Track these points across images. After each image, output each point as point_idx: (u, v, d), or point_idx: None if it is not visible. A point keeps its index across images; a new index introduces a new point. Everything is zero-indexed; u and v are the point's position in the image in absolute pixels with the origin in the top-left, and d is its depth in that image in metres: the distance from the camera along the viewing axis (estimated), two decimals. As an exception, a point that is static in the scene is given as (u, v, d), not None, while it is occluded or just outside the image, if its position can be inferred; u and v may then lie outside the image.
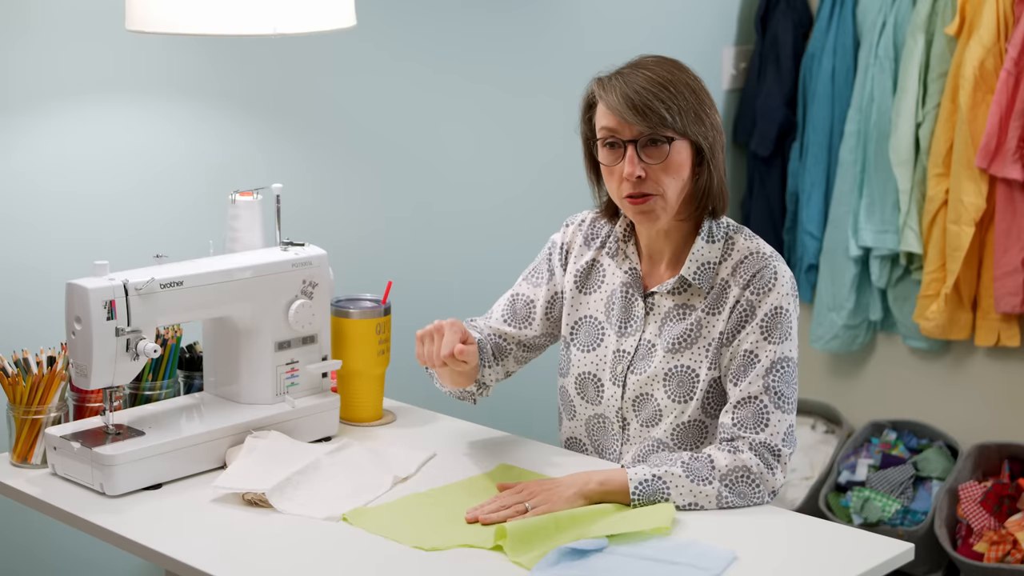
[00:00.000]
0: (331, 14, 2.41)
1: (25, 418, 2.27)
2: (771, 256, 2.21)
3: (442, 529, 2.02)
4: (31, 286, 2.56)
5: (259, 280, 2.32)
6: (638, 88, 2.14)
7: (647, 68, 2.18)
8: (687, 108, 2.15)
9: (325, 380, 2.44)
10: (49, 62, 2.54)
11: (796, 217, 3.94)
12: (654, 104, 2.13)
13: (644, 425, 2.25)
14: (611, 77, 2.19)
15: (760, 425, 2.12)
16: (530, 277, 2.39)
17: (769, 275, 2.18)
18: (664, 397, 2.22)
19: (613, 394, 2.27)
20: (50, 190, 2.58)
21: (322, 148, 3.02)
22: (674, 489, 2.08)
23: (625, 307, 2.28)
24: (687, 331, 2.22)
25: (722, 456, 2.10)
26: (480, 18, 3.27)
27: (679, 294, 2.24)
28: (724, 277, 2.21)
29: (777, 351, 2.15)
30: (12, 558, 2.62)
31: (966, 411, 3.81)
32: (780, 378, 2.14)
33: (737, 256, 2.21)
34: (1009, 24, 3.49)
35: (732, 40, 3.96)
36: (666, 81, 2.15)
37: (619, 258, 2.30)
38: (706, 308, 2.21)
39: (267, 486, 2.10)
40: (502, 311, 2.39)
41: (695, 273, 2.21)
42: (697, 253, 2.21)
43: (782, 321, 2.16)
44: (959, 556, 3.50)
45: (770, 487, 2.11)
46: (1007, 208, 3.52)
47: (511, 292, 2.40)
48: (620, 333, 2.28)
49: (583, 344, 2.31)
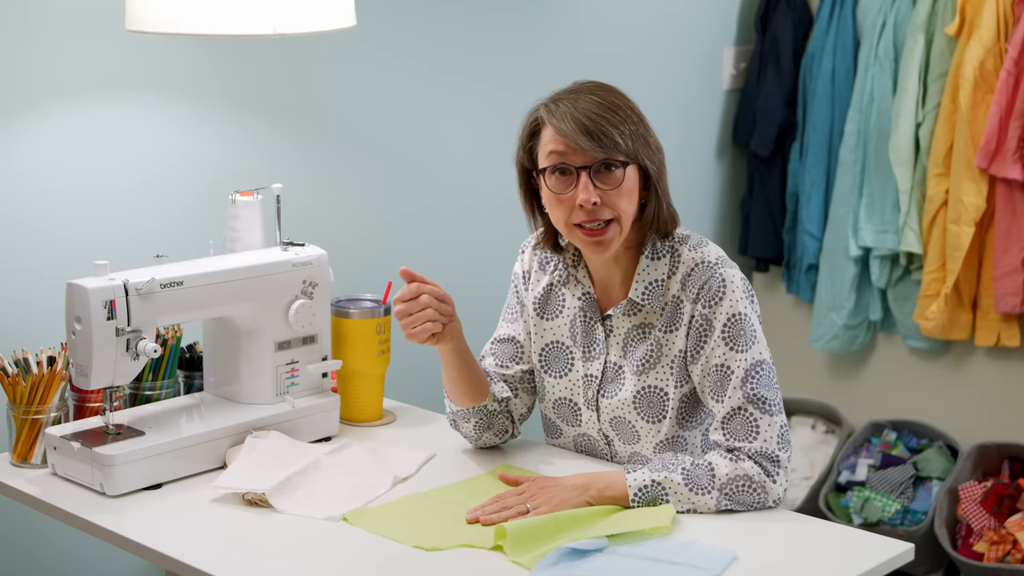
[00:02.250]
0: (331, 14, 2.41)
1: (25, 418, 2.27)
2: (716, 264, 2.15)
3: (442, 529, 2.02)
4: (31, 286, 2.56)
5: (259, 280, 2.32)
6: (589, 113, 2.10)
7: (592, 93, 2.13)
8: (636, 132, 2.12)
9: (325, 380, 2.44)
10: (49, 62, 2.54)
11: (796, 217, 3.94)
12: (607, 129, 2.10)
13: (626, 443, 2.25)
14: (557, 103, 2.14)
15: (751, 435, 2.10)
16: (507, 315, 2.37)
17: (717, 284, 2.14)
18: (637, 419, 2.21)
19: (590, 417, 2.26)
20: (50, 190, 2.58)
21: (322, 148, 3.02)
22: (673, 496, 2.07)
23: (586, 331, 2.26)
24: (649, 352, 2.19)
25: (723, 464, 2.09)
26: (480, 18, 3.28)
27: (634, 315, 2.21)
28: (675, 293, 2.17)
29: (747, 358, 2.11)
30: (12, 558, 2.62)
31: (966, 411, 3.80)
32: (758, 383, 2.11)
33: (684, 269, 2.17)
34: (1009, 24, 3.48)
35: (732, 40, 3.95)
36: (614, 105, 2.12)
37: (571, 284, 2.27)
38: (663, 326, 2.18)
39: (267, 486, 2.10)
40: (493, 360, 2.35)
41: (643, 294, 2.18)
42: (643, 273, 2.18)
43: (744, 327, 2.12)
44: (959, 556, 3.50)
45: (774, 495, 2.09)
46: (1007, 208, 3.52)
47: (493, 338, 2.37)
48: (585, 358, 2.26)
49: (555, 371, 2.29)
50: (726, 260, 2.17)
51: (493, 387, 2.29)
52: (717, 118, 3.96)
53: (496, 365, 2.35)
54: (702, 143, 3.92)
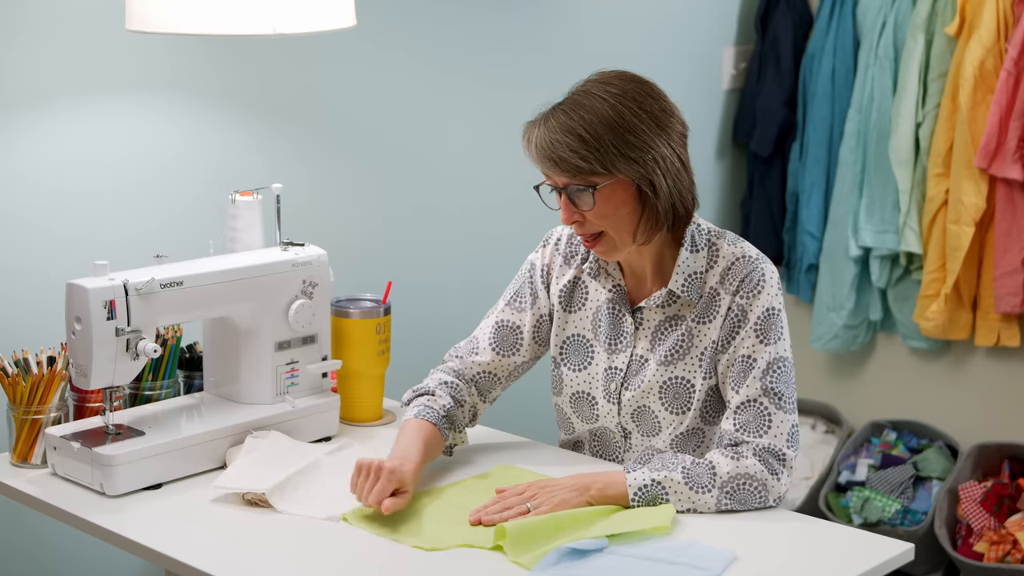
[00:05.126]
0: (331, 14, 2.41)
1: (25, 418, 2.27)
2: (757, 259, 2.18)
3: (442, 529, 2.02)
4: (31, 286, 2.56)
5: (259, 280, 2.32)
6: (548, 139, 2.09)
7: (565, 110, 2.10)
8: (605, 148, 2.07)
9: (325, 380, 2.44)
10: (49, 62, 2.54)
11: (796, 217, 3.94)
12: (566, 155, 2.08)
13: (645, 436, 2.25)
14: (531, 124, 2.14)
15: (763, 428, 2.11)
16: (513, 302, 2.34)
17: (758, 278, 2.16)
18: (661, 409, 2.21)
19: (609, 411, 2.26)
20: (50, 190, 2.58)
21: (322, 148, 3.02)
22: (672, 495, 2.07)
23: (613, 324, 2.25)
24: (679, 342, 2.20)
25: (725, 462, 2.09)
26: (480, 18, 3.27)
27: (668, 306, 2.21)
28: (712, 285, 2.18)
29: (773, 352, 2.14)
30: (12, 558, 2.62)
31: (966, 411, 3.80)
32: (778, 378, 2.13)
33: (724, 263, 2.18)
34: (1009, 24, 3.48)
35: (732, 40, 3.95)
36: (577, 126, 2.08)
37: (601, 277, 2.27)
38: (696, 318, 2.19)
39: (267, 486, 2.09)
40: (490, 341, 2.33)
41: (683, 285, 2.18)
42: (683, 265, 2.18)
43: (775, 322, 2.15)
44: (959, 556, 3.50)
45: (775, 493, 2.10)
46: (1007, 208, 3.52)
47: (495, 319, 2.34)
48: (610, 350, 2.25)
49: (574, 363, 2.29)
50: (764, 257, 2.20)
51: (452, 439, 2.28)
52: (717, 118, 3.96)
53: (492, 350, 2.32)
54: (702, 143, 3.92)
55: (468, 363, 2.33)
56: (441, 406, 2.26)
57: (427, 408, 2.25)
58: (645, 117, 2.11)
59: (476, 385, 2.33)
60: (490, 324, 2.34)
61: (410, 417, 2.25)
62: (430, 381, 2.32)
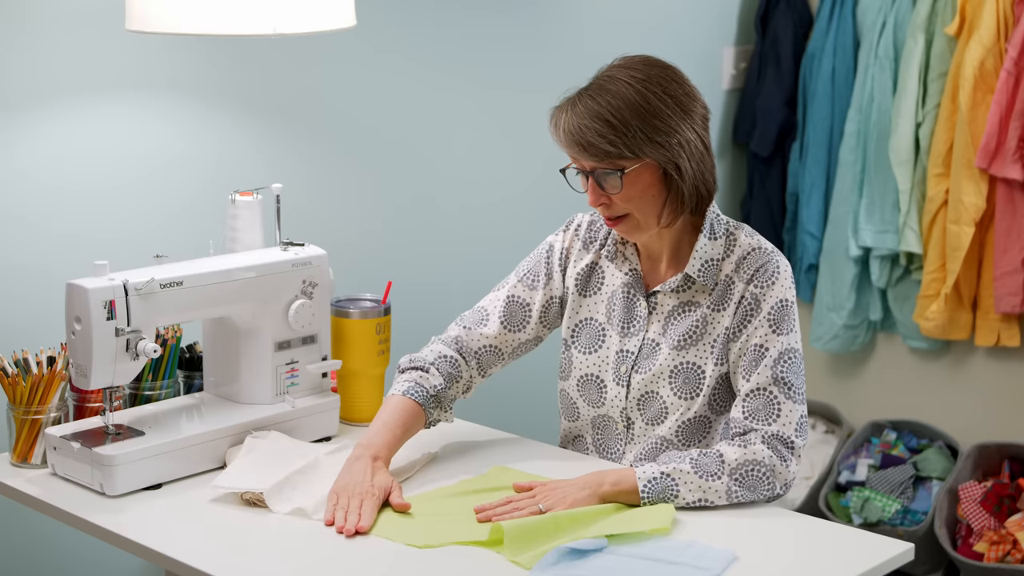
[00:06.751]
0: (331, 14, 2.41)
1: (25, 418, 2.27)
2: (772, 251, 2.21)
3: (441, 528, 2.02)
4: (31, 286, 2.56)
5: (259, 280, 2.32)
6: (577, 124, 2.12)
7: (592, 95, 2.13)
8: (632, 133, 2.11)
9: (325, 380, 2.44)
10: (49, 61, 2.54)
11: (796, 217, 3.94)
12: (594, 139, 2.11)
13: (649, 423, 2.25)
14: (558, 109, 2.16)
15: (772, 416, 2.12)
16: (525, 279, 2.35)
17: (772, 269, 2.19)
18: (670, 394, 2.22)
19: (617, 394, 2.27)
20: (50, 190, 2.58)
21: (322, 148, 3.02)
22: (683, 486, 2.08)
23: (627, 307, 2.28)
24: (692, 328, 2.22)
25: (732, 450, 2.10)
26: (480, 18, 3.28)
27: (683, 292, 2.24)
28: (728, 273, 2.21)
29: (784, 342, 2.16)
30: (12, 558, 2.62)
31: (966, 411, 3.81)
32: (788, 368, 2.15)
33: (740, 252, 2.21)
34: (1009, 24, 3.49)
35: (732, 40, 3.96)
36: (605, 111, 2.11)
37: (618, 260, 2.29)
38: (711, 304, 2.21)
39: (266, 486, 2.09)
40: (500, 314, 2.34)
41: (699, 270, 2.21)
42: (701, 251, 2.21)
43: (788, 313, 2.18)
44: (959, 556, 3.50)
45: (783, 480, 2.11)
46: (1007, 208, 3.52)
47: (506, 293, 2.35)
48: (623, 333, 2.27)
49: (584, 346, 2.31)
50: (779, 251, 2.23)
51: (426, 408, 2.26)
52: (717, 118, 3.96)
53: (501, 324, 2.32)
54: (702, 143, 3.92)
55: (475, 335, 2.34)
56: (432, 386, 2.27)
57: (416, 386, 2.26)
58: (670, 101, 2.14)
59: (478, 359, 2.33)
60: (501, 297, 2.35)
61: (397, 393, 2.26)
62: (428, 353, 2.32)
